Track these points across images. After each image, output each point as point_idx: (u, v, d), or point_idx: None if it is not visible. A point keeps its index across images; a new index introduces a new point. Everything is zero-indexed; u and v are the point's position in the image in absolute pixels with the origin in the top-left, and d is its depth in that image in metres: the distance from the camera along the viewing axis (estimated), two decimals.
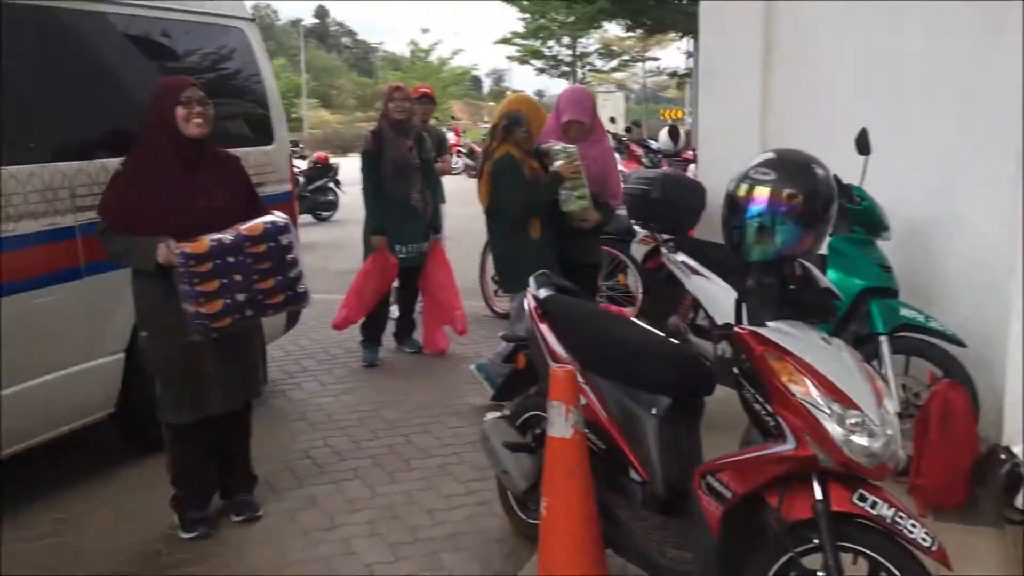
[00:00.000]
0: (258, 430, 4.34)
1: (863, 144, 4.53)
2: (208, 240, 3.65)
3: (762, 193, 2.74)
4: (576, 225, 5.00)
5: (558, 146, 4.94)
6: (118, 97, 4.65)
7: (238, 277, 3.71)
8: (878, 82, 5.06)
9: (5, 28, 4.00)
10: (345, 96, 67.65)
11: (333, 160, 17.19)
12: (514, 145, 4.96)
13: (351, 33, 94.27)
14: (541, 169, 4.98)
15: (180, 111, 3.73)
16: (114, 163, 4.17)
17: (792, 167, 2.78)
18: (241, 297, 3.73)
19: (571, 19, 26.12)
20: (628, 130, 17.48)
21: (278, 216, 3.93)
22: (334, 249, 12.36)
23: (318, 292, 4.91)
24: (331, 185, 16.34)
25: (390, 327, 6.89)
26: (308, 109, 54.04)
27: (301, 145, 23.44)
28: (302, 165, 16.72)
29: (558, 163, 4.86)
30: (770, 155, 2.85)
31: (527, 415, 3.78)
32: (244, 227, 3.78)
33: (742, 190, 2.79)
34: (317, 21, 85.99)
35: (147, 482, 4.44)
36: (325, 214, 16.24)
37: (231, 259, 3.69)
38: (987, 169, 4.69)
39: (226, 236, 3.71)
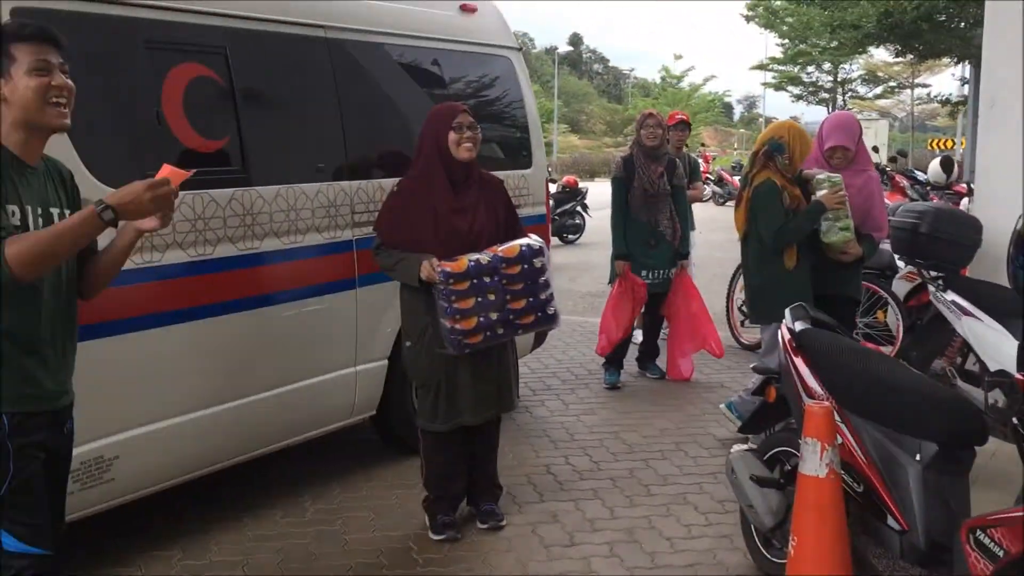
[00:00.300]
0: (503, 443, 4.50)
1: None
2: (467, 260, 3.85)
3: None
4: (836, 257, 4.80)
5: (822, 175, 4.77)
6: (393, 122, 5.01)
7: (492, 296, 3.88)
8: None
9: (322, 63, 4.45)
10: (594, 121, 68.72)
11: (581, 184, 17.53)
12: (775, 171, 4.84)
13: (603, 60, 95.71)
14: (803, 197, 4.84)
15: (452, 136, 3.96)
16: (389, 183, 4.51)
17: None
18: (494, 316, 3.89)
19: (834, 44, 25.10)
20: (893, 160, 16.57)
21: (534, 239, 4.07)
22: (580, 271, 12.59)
23: (564, 313, 5.04)
24: (579, 209, 16.67)
25: (632, 351, 6.91)
26: (558, 134, 55.31)
27: (550, 169, 24.05)
28: (552, 189, 17.12)
29: (821, 192, 4.70)
30: None
31: (776, 450, 3.67)
32: (501, 248, 3.95)
33: None
34: (571, 48, 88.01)
35: (403, 482, 4.72)
36: (572, 237, 16.58)
37: (487, 279, 3.86)
38: None
39: (484, 256, 3.89)
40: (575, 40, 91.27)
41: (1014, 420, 2.63)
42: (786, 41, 31.44)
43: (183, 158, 3.72)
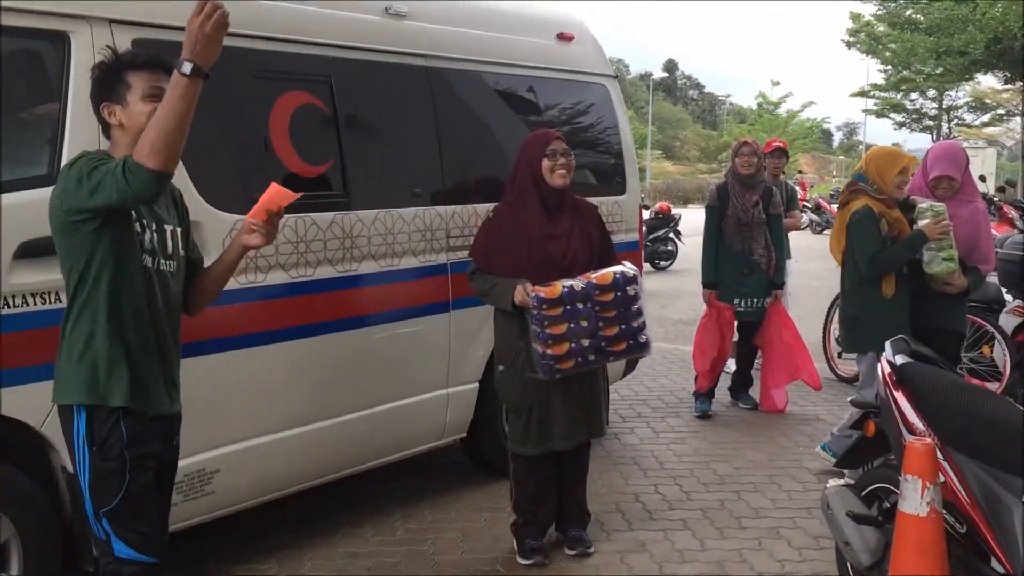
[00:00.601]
0: (592, 469, 4.49)
1: None
2: (561, 286, 3.87)
3: None
4: (940, 289, 4.66)
5: (924, 204, 4.65)
6: (488, 148, 5.08)
7: (584, 323, 3.89)
8: None
9: (421, 90, 4.59)
10: (688, 147, 68.24)
11: (674, 211, 17.41)
12: (871, 198, 4.73)
13: (698, 86, 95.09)
14: (904, 223, 4.72)
15: (545, 162, 4.01)
16: (484, 208, 4.58)
17: None
18: (586, 342, 3.90)
19: (939, 71, 24.39)
20: (1001, 190, 16.01)
21: (627, 267, 4.07)
22: (672, 298, 12.49)
23: (656, 340, 5.00)
24: (671, 235, 16.55)
25: (725, 381, 6.82)
26: (652, 160, 55.06)
27: (643, 195, 23.93)
28: (645, 215, 17.05)
29: (923, 222, 4.57)
30: None
31: (874, 486, 3.56)
32: (595, 275, 3.96)
33: None
34: (666, 74, 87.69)
35: (492, 505, 4.75)
36: (664, 263, 16.46)
37: (580, 305, 3.88)
38: None
39: (577, 283, 3.90)
40: (670, 66, 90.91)
41: None
42: (889, 67, 30.69)
43: (287, 182, 3.82)
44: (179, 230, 2.75)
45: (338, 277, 4.16)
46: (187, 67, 2.30)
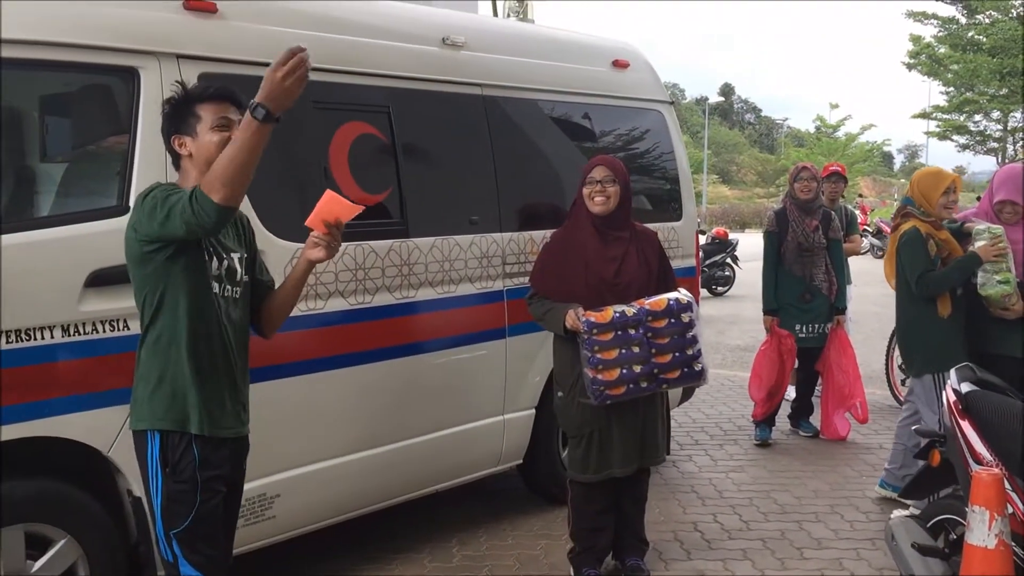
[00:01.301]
0: (650, 498, 4.44)
1: None
2: (612, 311, 3.86)
3: None
4: (998, 313, 4.60)
5: (981, 225, 4.64)
6: (544, 175, 5.11)
7: (636, 349, 3.87)
8: None
9: (478, 119, 4.64)
10: (745, 172, 67.69)
11: (731, 236, 17.26)
12: (918, 220, 4.79)
13: (755, 110, 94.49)
14: (954, 244, 4.74)
15: (585, 190, 4.03)
16: (540, 235, 4.60)
17: None
18: (638, 369, 3.88)
19: (1003, 92, 23.94)
20: None
21: (682, 293, 4.05)
22: (729, 324, 12.37)
23: (713, 367, 4.99)
24: (728, 260, 16.40)
25: (785, 408, 6.72)
26: (708, 185, 54.71)
27: (700, 220, 23.80)
28: (701, 240, 16.93)
29: (979, 244, 4.54)
30: None
31: (940, 517, 3.49)
32: (649, 301, 3.94)
33: None
34: (722, 99, 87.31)
35: (548, 532, 4.73)
36: (721, 289, 16.32)
37: (632, 331, 3.86)
38: None
39: (630, 308, 3.89)
40: (726, 90, 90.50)
41: None
42: (951, 89, 30.20)
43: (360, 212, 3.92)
44: (245, 256, 2.83)
45: (396, 304, 4.21)
46: (260, 112, 2.37)
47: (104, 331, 3.21)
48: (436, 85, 4.51)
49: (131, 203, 3.03)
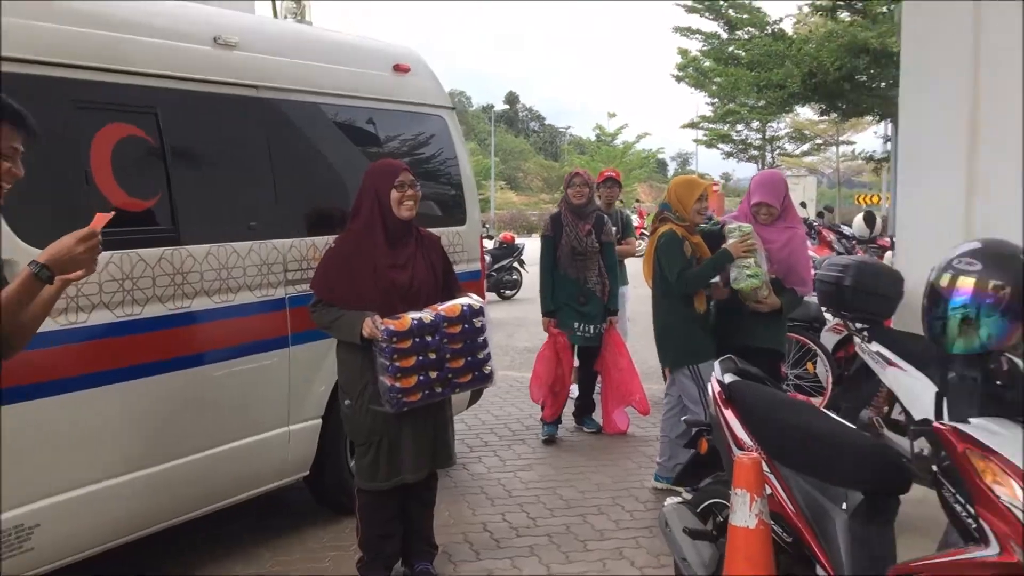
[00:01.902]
0: (439, 501, 4.45)
1: None
2: (410, 318, 3.85)
3: (966, 284, 2.64)
4: (752, 307, 4.99)
5: (733, 224, 5.04)
6: (326, 180, 5.02)
7: (433, 355, 3.89)
8: None
9: (254, 121, 4.45)
10: (531, 178, 69.44)
11: (518, 240, 17.68)
12: (674, 224, 5.16)
13: (539, 118, 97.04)
14: (704, 248, 5.16)
15: (394, 194, 3.99)
16: (323, 241, 4.51)
17: (999, 257, 2.67)
18: (433, 374, 3.90)
19: (761, 103, 25.86)
20: (820, 215, 17.02)
21: (474, 299, 4.10)
22: (517, 327, 12.62)
23: (501, 368, 5.06)
24: (515, 264, 16.78)
25: (570, 406, 6.94)
26: (496, 191, 55.74)
27: (487, 225, 24.20)
28: (489, 245, 17.27)
29: (730, 241, 4.91)
30: (975, 244, 2.74)
31: (709, 502, 3.70)
32: (443, 307, 3.96)
33: (945, 280, 2.70)
34: (507, 107, 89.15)
35: (337, 544, 4.64)
36: (509, 292, 16.67)
37: (429, 338, 3.87)
38: None
39: (427, 315, 3.90)
40: (511, 98, 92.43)
41: (934, 468, 2.69)
42: (716, 100, 32.29)
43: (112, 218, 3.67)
44: None
45: (169, 315, 4.00)
46: (45, 274, 2.36)
47: None
48: (208, 86, 4.32)
49: None
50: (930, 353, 2.88)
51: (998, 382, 2.66)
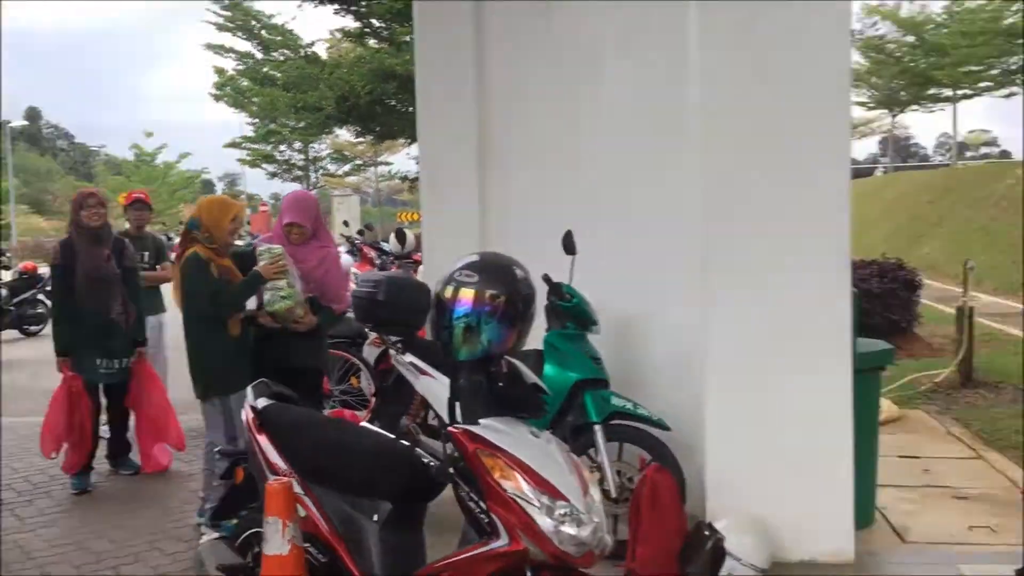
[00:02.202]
0: None
1: (569, 245, 4.82)
2: None
3: (467, 295, 2.84)
4: (291, 327, 4.96)
5: (263, 247, 4.98)
6: None
7: None
8: (581, 184, 5.42)
9: None
10: (61, 201, 63.34)
11: (42, 269, 15.94)
12: (200, 246, 4.93)
13: (67, 136, 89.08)
14: (235, 271, 4.97)
15: None
16: None
17: (494, 269, 2.91)
18: None
19: (301, 124, 26.15)
20: (361, 233, 17.58)
21: None
22: (44, 365, 11.25)
23: (22, 414, 4.49)
24: (40, 296, 15.10)
25: (102, 448, 6.36)
26: (18, 216, 49.99)
27: (9, 255, 21.58)
28: (7, 276, 15.41)
29: (261, 263, 4.84)
30: (474, 258, 2.96)
31: (247, 533, 3.58)
32: None
33: (448, 292, 2.88)
34: (27, 123, 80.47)
35: None
36: (34, 328, 14.93)
37: None
38: (678, 269, 4.94)
39: None
40: (33, 114, 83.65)
41: (450, 469, 2.85)
42: (257, 120, 32.04)
43: None
44: None
45: None
46: None
47: None
48: None
49: None
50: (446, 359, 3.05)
51: (500, 384, 2.89)
